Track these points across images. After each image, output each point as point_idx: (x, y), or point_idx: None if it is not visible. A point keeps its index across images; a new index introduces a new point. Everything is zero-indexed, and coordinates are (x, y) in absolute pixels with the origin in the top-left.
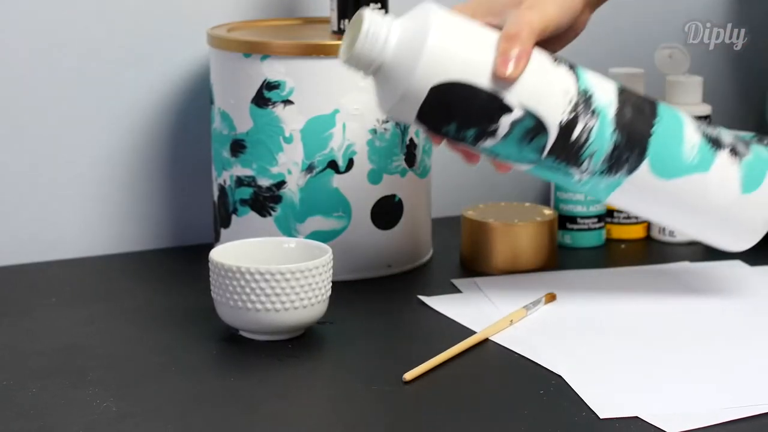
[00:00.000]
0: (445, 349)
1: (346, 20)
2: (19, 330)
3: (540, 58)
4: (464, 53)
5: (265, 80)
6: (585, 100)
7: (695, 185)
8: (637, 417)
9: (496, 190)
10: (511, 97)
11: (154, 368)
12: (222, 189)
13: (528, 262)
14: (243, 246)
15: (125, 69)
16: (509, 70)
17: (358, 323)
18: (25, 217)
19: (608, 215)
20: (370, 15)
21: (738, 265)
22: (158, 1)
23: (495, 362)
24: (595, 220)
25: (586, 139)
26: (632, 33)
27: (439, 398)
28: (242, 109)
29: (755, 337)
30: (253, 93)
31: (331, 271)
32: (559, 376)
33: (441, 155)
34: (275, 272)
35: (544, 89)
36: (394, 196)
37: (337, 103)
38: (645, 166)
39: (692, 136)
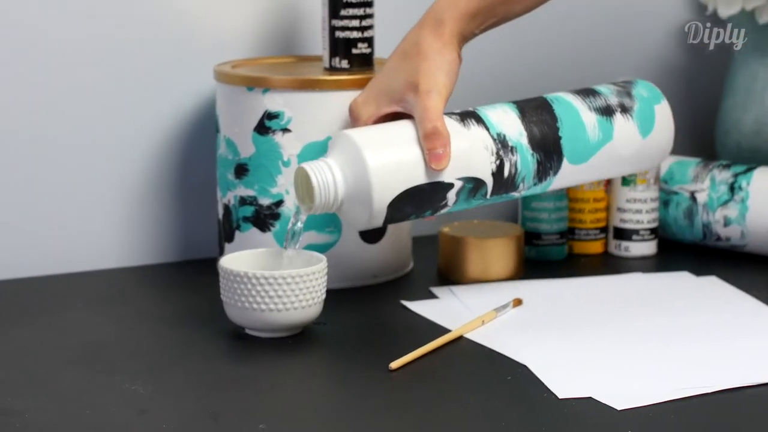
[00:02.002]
0: (426, 344)
1: (337, 58)
2: (53, 328)
3: (455, 129)
4: (400, 165)
5: (265, 111)
6: (501, 142)
7: (608, 154)
8: (590, 397)
9: (470, 210)
10: (447, 177)
11: (173, 359)
12: (227, 208)
13: (498, 273)
14: (249, 255)
15: (142, 100)
16: (441, 164)
17: (348, 323)
18: (51, 233)
19: (570, 233)
20: (311, 168)
21: (685, 275)
22: (172, 41)
23: (469, 355)
24: (558, 236)
25: (516, 172)
26: (590, 67)
27: (420, 384)
28: (245, 136)
29: (694, 333)
30: (255, 122)
31: (326, 277)
32: (524, 365)
33: None
34: (278, 277)
35: (469, 155)
36: None
37: (329, 131)
38: (565, 162)
39: (589, 117)
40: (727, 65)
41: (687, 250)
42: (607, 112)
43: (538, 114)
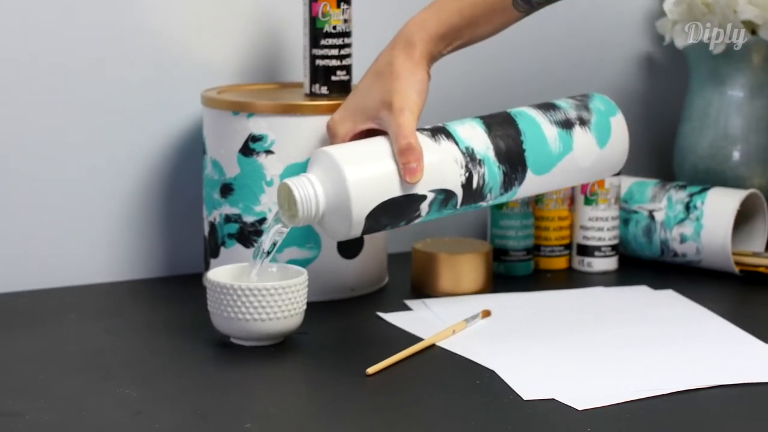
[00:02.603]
0: (400, 352)
1: (317, 85)
2: (50, 337)
3: (427, 144)
4: (377, 179)
5: (250, 134)
6: (470, 156)
7: (568, 165)
8: (553, 398)
9: (442, 227)
10: (421, 189)
11: (163, 366)
12: (212, 225)
13: (468, 287)
14: (234, 269)
15: (134, 123)
16: (415, 177)
17: (328, 333)
18: (44, 249)
19: (536, 249)
20: (294, 184)
21: (643, 289)
22: (162, 68)
23: (440, 361)
24: (525, 252)
25: (484, 183)
26: (554, 94)
27: (395, 388)
28: (231, 157)
29: (650, 340)
30: (240, 144)
31: (307, 290)
32: (492, 370)
33: None
34: (261, 288)
35: (441, 168)
36: None
37: (310, 153)
38: (529, 173)
39: (550, 130)
40: (684, 92)
41: (646, 265)
42: (566, 125)
43: (503, 128)
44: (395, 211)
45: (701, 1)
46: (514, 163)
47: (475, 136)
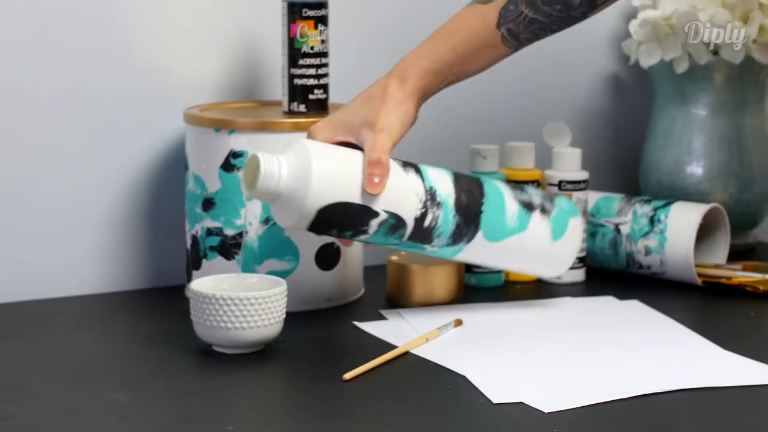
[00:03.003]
0: (376, 358)
1: (296, 103)
2: (38, 346)
3: (395, 169)
4: (339, 180)
5: (231, 150)
6: (431, 195)
7: (517, 243)
8: (521, 402)
9: None
10: (376, 205)
11: (149, 373)
12: (194, 238)
13: (441, 298)
14: (216, 280)
15: (118, 139)
16: (375, 189)
17: (306, 341)
18: (31, 262)
19: None
20: (263, 157)
21: (609, 299)
22: (146, 87)
23: (414, 367)
24: None
25: (435, 225)
26: (524, 113)
27: (371, 393)
28: (212, 173)
29: (615, 346)
30: (221, 160)
31: (286, 299)
32: (463, 375)
33: None
34: (243, 298)
35: (401, 195)
36: (333, 243)
37: None
38: (479, 235)
39: (512, 205)
40: (649, 111)
41: (612, 277)
42: (528, 207)
43: (469, 185)
44: (346, 217)
45: (665, 22)
46: (469, 219)
47: (441, 181)
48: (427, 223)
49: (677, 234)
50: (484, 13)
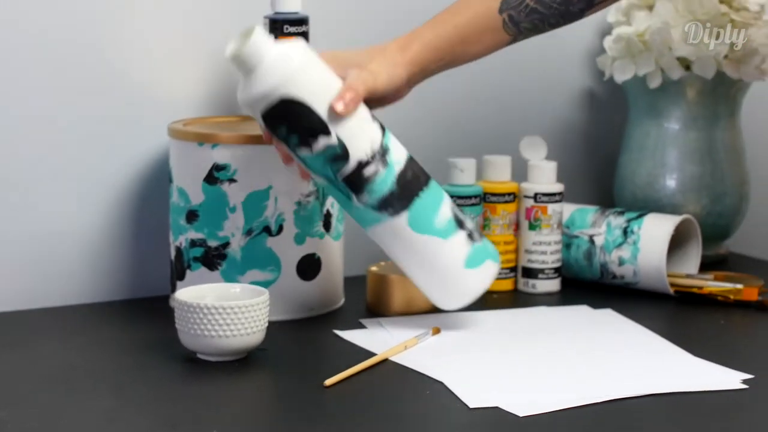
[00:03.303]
0: (356, 365)
1: None
2: (26, 355)
3: (363, 112)
4: (314, 84)
5: (214, 163)
6: (383, 152)
7: (433, 245)
8: (497, 406)
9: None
10: (333, 127)
11: (134, 379)
12: (178, 249)
13: (419, 307)
14: (200, 289)
15: (104, 153)
16: (340, 108)
17: (288, 349)
18: (17, 273)
19: None
20: (259, 30)
21: (584, 308)
22: (131, 102)
23: (393, 374)
24: None
25: (373, 180)
26: (501, 127)
27: (351, 398)
28: (196, 186)
29: (589, 353)
30: (204, 173)
31: (268, 308)
32: (440, 381)
33: (352, 225)
34: (226, 307)
35: (358, 133)
36: (314, 254)
37: (270, 181)
38: (405, 216)
39: (446, 211)
40: (623, 124)
41: (587, 287)
42: (459, 223)
43: (419, 171)
44: (301, 120)
45: (638, 38)
46: (404, 195)
47: (398, 150)
48: (367, 173)
49: (650, 245)
50: None
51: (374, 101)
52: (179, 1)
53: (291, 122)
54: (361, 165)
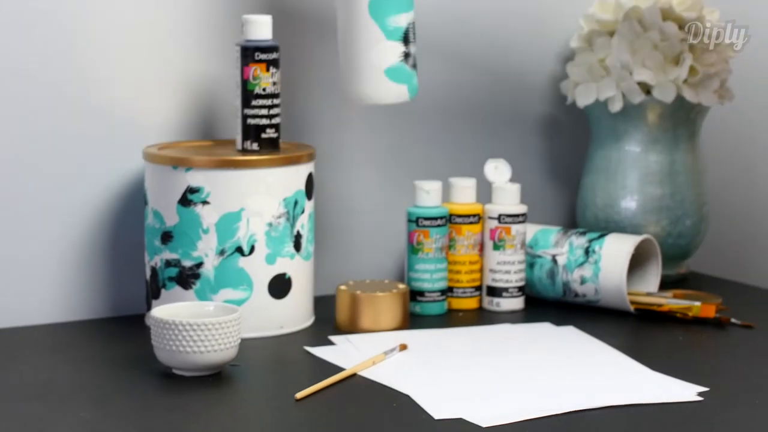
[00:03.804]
0: (326, 379)
1: (249, 141)
2: (8, 371)
3: None
4: None
5: (188, 186)
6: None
7: (374, 35)
8: (461, 418)
9: (363, 271)
10: None
11: (113, 393)
12: (153, 269)
13: (387, 325)
14: (175, 307)
15: (82, 176)
16: None
17: (260, 364)
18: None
19: (449, 291)
20: None
21: (546, 325)
22: (108, 127)
23: (361, 388)
24: (439, 293)
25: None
26: (466, 150)
27: (321, 411)
28: (170, 208)
29: (550, 368)
30: (179, 196)
31: (241, 325)
32: (406, 394)
33: (321, 246)
34: (200, 324)
35: None
36: (284, 274)
37: (242, 204)
38: None
39: (403, 20)
40: (586, 148)
41: (550, 305)
42: (405, 39)
43: None
44: None
45: (600, 64)
46: None
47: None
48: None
49: (611, 264)
50: None
51: None
52: (154, 28)
53: None
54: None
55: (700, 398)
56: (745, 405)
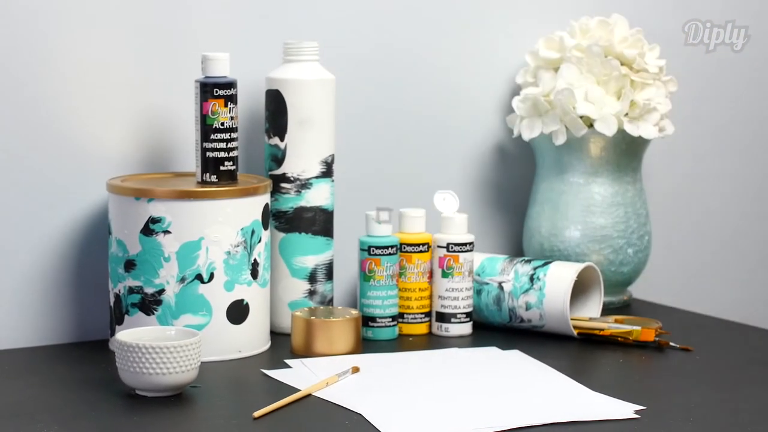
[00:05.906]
0: (282, 399)
1: (208, 173)
2: None
3: None
4: None
5: (150, 216)
6: None
7: None
8: None
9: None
10: None
11: (80, 413)
12: (117, 296)
13: (340, 349)
14: (138, 332)
15: (47, 208)
16: None
17: (219, 386)
18: None
19: (400, 317)
20: None
21: (493, 349)
22: (71, 159)
23: (315, 408)
24: (390, 319)
25: None
26: (416, 181)
27: (278, 429)
28: (133, 237)
29: (496, 388)
30: (141, 225)
31: (201, 349)
32: (359, 413)
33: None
34: (162, 347)
35: None
36: (242, 300)
37: (202, 233)
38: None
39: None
40: (531, 179)
41: (497, 330)
42: None
43: None
44: None
45: (545, 98)
46: None
47: None
48: None
49: (554, 290)
50: None
51: None
52: (121, 65)
53: None
54: None
55: (636, 416)
56: (680, 421)
